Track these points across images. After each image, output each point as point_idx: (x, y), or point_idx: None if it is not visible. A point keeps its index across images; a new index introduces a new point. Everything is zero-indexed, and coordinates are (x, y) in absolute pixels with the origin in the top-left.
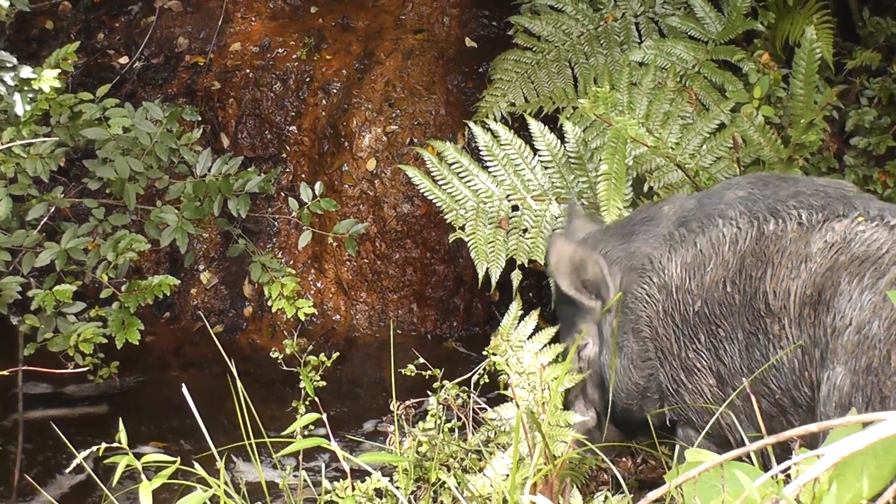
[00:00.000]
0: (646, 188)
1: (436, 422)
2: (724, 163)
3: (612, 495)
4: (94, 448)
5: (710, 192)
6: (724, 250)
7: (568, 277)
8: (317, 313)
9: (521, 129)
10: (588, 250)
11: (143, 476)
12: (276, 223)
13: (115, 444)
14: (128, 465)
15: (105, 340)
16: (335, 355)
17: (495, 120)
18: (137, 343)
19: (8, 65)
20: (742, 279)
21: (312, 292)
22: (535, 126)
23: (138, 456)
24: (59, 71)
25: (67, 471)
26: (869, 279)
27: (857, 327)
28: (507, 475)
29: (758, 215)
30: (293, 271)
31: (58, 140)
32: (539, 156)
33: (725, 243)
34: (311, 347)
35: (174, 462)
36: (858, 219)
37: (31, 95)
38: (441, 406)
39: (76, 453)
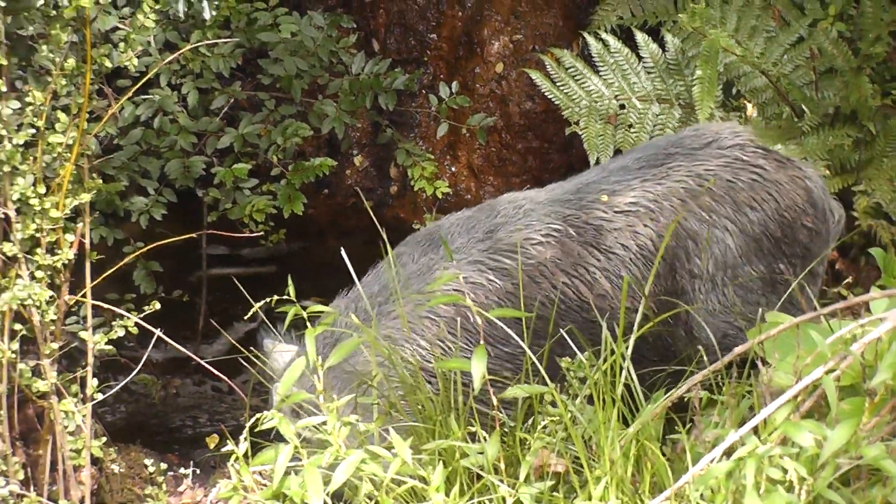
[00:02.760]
0: (734, 91)
1: None
2: (802, 70)
3: None
4: (267, 300)
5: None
6: None
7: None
8: (451, 192)
9: (627, 40)
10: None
11: (308, 324)
12: (417, 116)
13: (284, 297)
14: (294, 315)
15: (275, 211)
16: None
17: (606, 31)
18: (301, 214)
19: None
20: None
21: (447, 175)
22: (640, 37)
23: (303, 308)
24: None
25: (245, 318)
26: None
27: None
28: None
29: None
30: (432, 157)
31: (237, 42)
32: (643, 62)
33: None
34: None
35: (334, 314)
36: None
37: (215, 3)
38: None
39: (253, 303)
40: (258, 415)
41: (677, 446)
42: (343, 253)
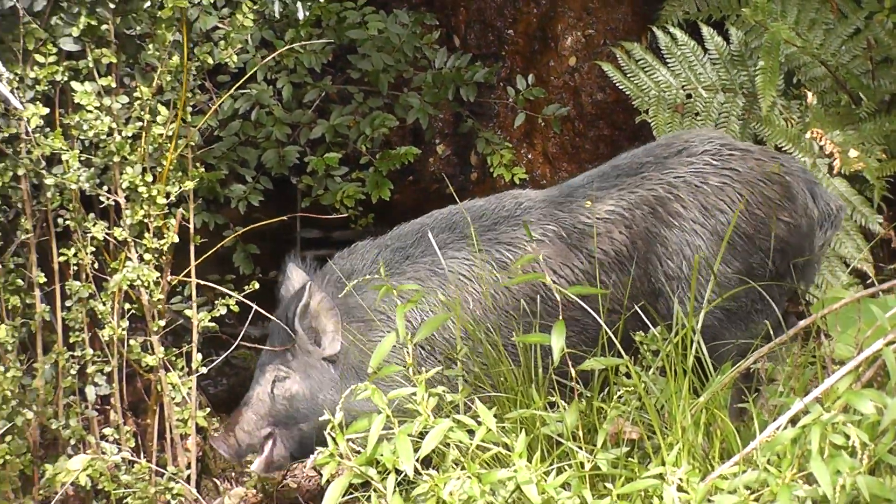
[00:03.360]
0: (794, 80)
1: None
2: (859, 60)
3: None
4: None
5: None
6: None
7: (305, 318)
8: (527, 178)
9: (693, 33)
10: (328, 303)
11: (397, 300)
12: (496, 107)
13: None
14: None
15: (363, 197)
16: None
17: (673, 25)
18: (388, 199)
19: None
20: None
21: (524, 162)
22: (705, 30)
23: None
24: None
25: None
26: None
27: None
28: None
29: None
30: (510, 145)
31: (328, 39)
32: (708, 54)
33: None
34: None
35: (420, 290)
36: None
37: (308, 3)
38: None
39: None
40: (353, 387)
41: (744, 415)
42: (430, 235)
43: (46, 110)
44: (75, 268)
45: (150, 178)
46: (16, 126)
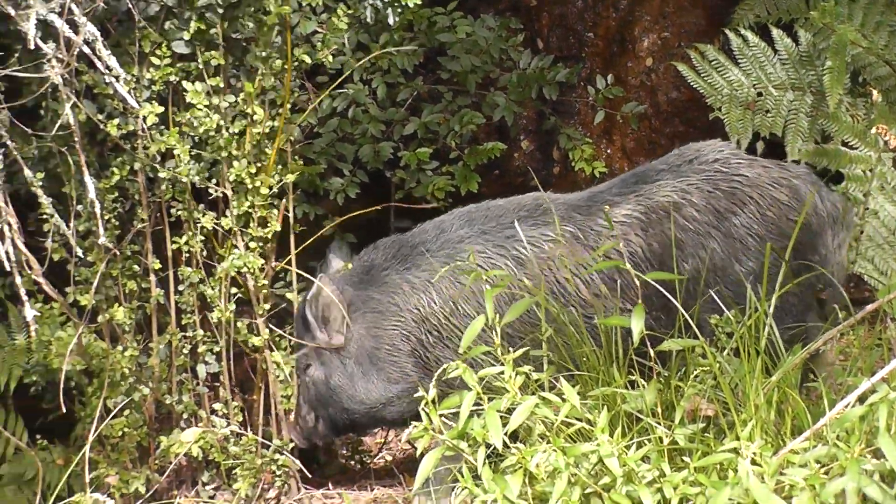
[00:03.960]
0: (860, 79)
1: None
2: None
3: None
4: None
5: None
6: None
7: (315, 310)
8: (606, 172)
9: (764, 35)
10: (334, 294)
11: (485, 286)
12: (577, 105)
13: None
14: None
15: (453, 189)
16: None
17: (745, 28)
18: (475, 191)
19: None
20: None
21: (603, 157)
22: (775, 32)
23: None
24: None
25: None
26: None
27: None
28: None
29: None
30: (590, 140)
31: (419, 41)
32: (778, 55)
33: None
34: None
35: (508, 276)
36: None
37: (399, 10)
38: None
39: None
40: (445, 365)
41: (813, 393)
42: (516, 224)
43: (161, 109)
44: (187, 255)
45: (254, 172)
46: (133, 124)
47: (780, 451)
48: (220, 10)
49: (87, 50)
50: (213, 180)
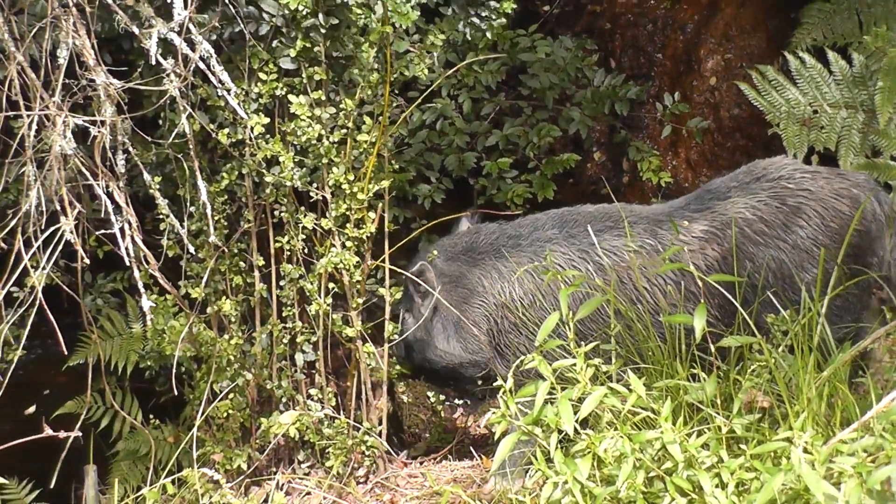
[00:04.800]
0: None
1: None
2: None
3: None
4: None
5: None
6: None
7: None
8: (672, 182)
9: (820, 57)
10: (432, 276)
11: (560, 284)
12: (646, 120)
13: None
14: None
15: (531, 196)
16: None
17: (802, 50)
18: (551, 198)
19: (470, 11)
20: None
21: (670, 167)
22: (830, 55)
23: None
24: (504, 14)
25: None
26: None
27: None
28: None
29: None
30: (657, 153)
31: (502, 60)
32: (833, 76)
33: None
34: None
35: (583, 277)
36: None
37: (485, 32)
38: None
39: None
40: (521, 357)
41: (861, 388)
42: (589, 229)
43: (267, 119)
44: (288, 253)
45: (352, 178)
46: (241, 133)
47: (829, 440)
48: (323, 30)
49: (202, 66)
50: (314, 185)
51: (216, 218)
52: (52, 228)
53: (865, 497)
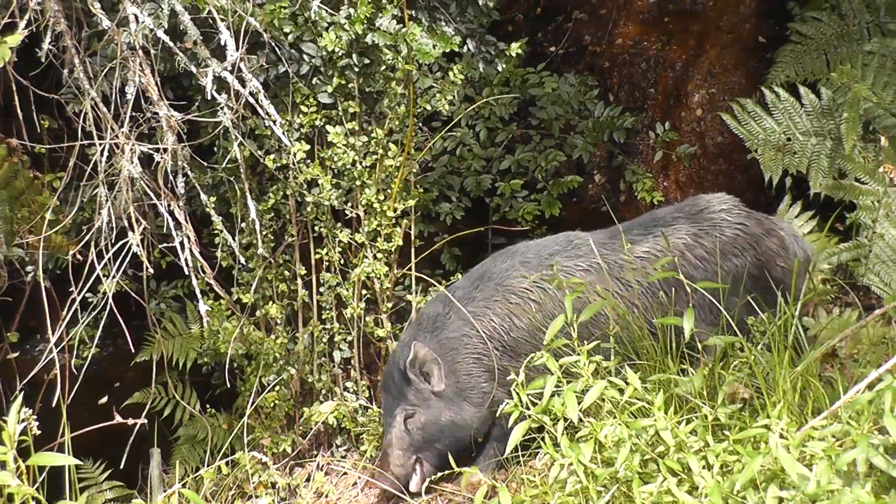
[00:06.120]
0: (871, 128)
1: None
2: None
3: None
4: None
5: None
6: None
7: (415, 368)
8: (664, 200)
9: (793, 92)
10: (430, 353)
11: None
12: (640, 146)
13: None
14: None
15: (539, 213)
16: None
17: (777, 85)
18: (557, 215)
19: (482, 49)
20: None
21: (661, 188)
22: (802, 90)
23: None
24: (516, 54)
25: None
26: None
27: None
28: None
29: None
30: (650, 175)
31: (514, 95)
32: (804, 107)
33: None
34: None
35: (584, 284)
36: None
37: (498, 69)
38: None
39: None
40: (532, 355)
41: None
42: (591, 240)
43: (308, 147)
44: (327, 263)
45: (382, 198)
46: (286, 158)
47: (802, 427)
48: (357, 69)
49: (251, 100)
50: (349, 204)
51: (264, 233)
52: (122, 242)
53: (834, 477)
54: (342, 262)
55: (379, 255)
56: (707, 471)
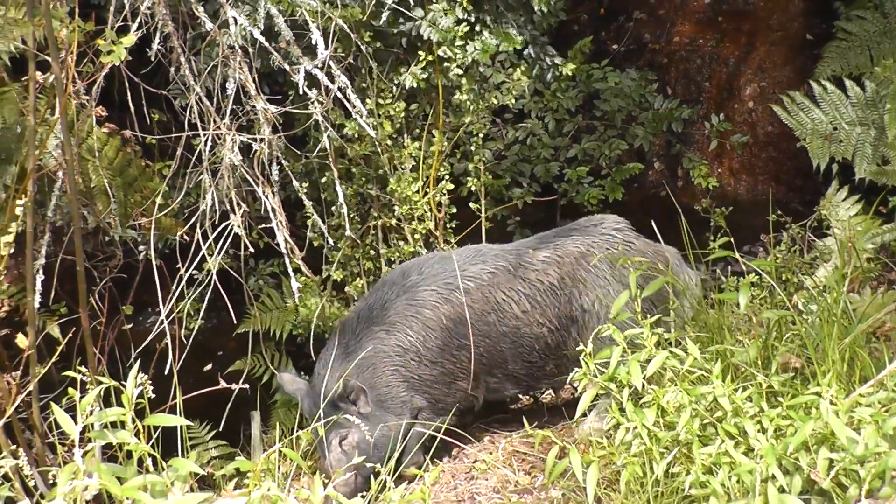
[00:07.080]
0: None
1: (787, 245)
2: None
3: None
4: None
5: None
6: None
7: (345, 397)
8: (718, 186)
9: (839, 84)
10: (356, 384)
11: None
12: (696, 136)
13: None
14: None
15: (603, 197)
16: (730, 209)
17: (824, 79)
18: (620, 199)
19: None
20: None
21: (716, 174)
22: (847, 83)
23: None
24: (581, 54)
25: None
26: None
27: None
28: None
29: None
30: (706, 162)
31: (579, 88)
32: (850, 99)
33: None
34: (713, 204)
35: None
36: None
37: (562, 69)
38: (790, 237)
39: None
40: (599, 327)
41: (876, 352)
42: (653, 224)
43: (391, 131)
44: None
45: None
46: (367, 148)
47: (851, 395)
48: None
49: (339, 94)
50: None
51: (351, 216)
52: (224, 224)
53: (881, 440)
54: (422, 241)
55: (438, 233)
56: (762, 434)
